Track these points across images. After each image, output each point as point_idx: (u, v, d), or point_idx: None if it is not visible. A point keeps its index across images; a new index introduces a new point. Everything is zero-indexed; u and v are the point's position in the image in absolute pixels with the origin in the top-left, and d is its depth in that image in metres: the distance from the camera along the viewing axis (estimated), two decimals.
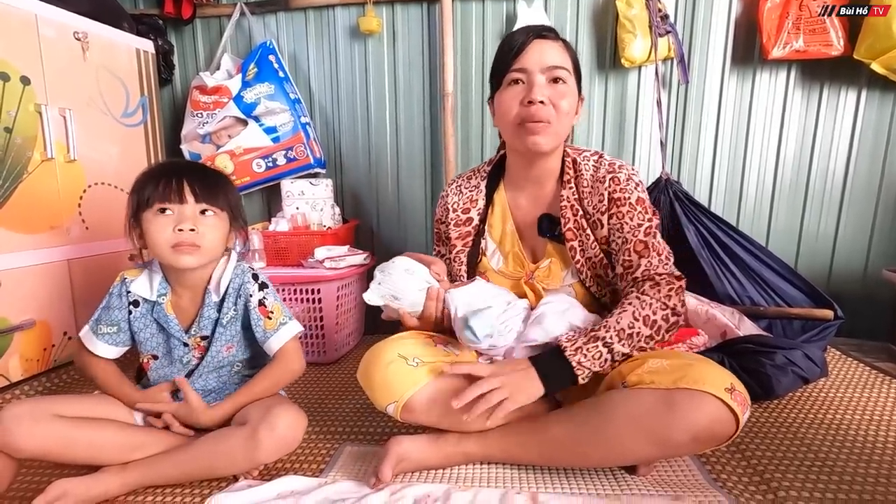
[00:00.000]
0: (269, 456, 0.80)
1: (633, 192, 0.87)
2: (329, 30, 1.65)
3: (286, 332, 0.92)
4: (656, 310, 0.80)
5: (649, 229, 0.86)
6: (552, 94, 0.84)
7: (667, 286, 0.82)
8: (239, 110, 1.55)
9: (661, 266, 0.84)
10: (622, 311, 0.80)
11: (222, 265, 0.93)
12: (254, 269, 0.95)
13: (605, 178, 0.88)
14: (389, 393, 0.81)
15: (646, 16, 1.43)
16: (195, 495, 0.80)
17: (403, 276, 0.90)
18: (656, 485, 0.79)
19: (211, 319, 0.91)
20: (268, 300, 0.92)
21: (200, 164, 0.93)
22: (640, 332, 0.79)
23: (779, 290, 1.32)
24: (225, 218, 0.89)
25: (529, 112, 0.84)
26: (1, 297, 1.14)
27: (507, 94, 0.87)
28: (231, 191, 0.92)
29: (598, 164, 0.91)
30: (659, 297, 0.81)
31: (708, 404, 0.67)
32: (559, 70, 0.85)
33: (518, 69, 0.85)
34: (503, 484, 0.80)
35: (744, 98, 1.53)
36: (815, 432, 0.95)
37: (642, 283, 0.83)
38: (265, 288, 0.93)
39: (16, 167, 1.17)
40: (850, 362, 1.29)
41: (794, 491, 0.77)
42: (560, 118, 0.86)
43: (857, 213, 1.54)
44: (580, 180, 0.91)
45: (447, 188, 1.04)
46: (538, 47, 0.85)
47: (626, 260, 0.86)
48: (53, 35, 1.27)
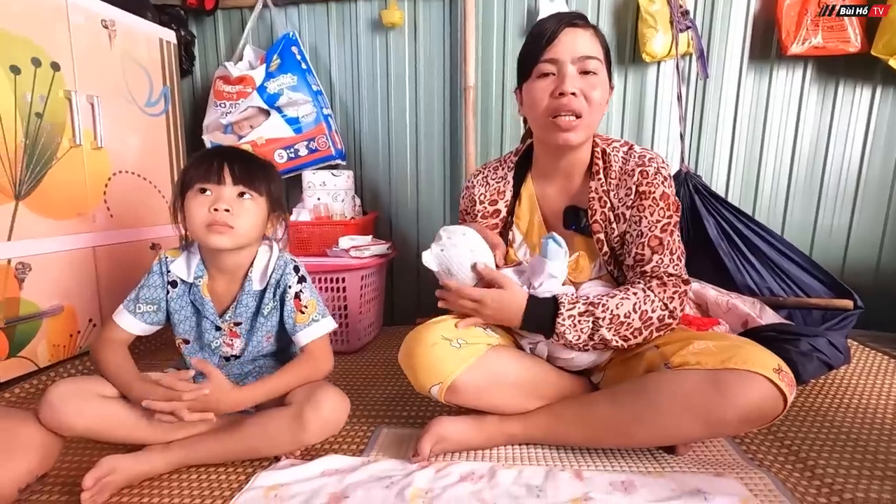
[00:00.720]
0: (314, 437, 0.81)
1: (660, 186, 0.85)
2: (351, 22, 1.66)
3: (317, 329, 0.92)
4: (656, 308, 0.82)
5: (667, 226, 0.85)
6: (584, 85, 0.83)
7: (672, 288, 0.83)
8: (262, 101, 1.55)
9: (672, 266, 0.84)
10: (625, 299, 0.82)
11: (265, 254, 0.93)
12: (296, 260, 0.95)
13: (634, 170, 0.86)
14: (434, 374, 0.81)
15: (667, 11, 1.45)
16: (238, 474, 0.81)
17: (466, 254, 0.87)
18: (697, 463, 0.81)
19: (247, 307, 0.91)
20: (304, 294, 0.92)
21: (246, 151, 0.92)
22: (632, 324, 0.81)
23: (798, 280, 1.34)
24: (263, 204, 0.89)
25: (560, 104, 0.83)
26: (31, 282, 1.14)
27: (536, 84, 0.85)
28: (273, 178, 0.92)
29: (627, 156, 0.89)
30: (662, 298, 0.83)
31: (757, 384, 0.69)
32: (591, 60, 0.83)
33: (549, 59, 0.83)
34: (546, 463, 0.82)
35: (761, 93, 1.56)
36: (843, 415, 0.97)
37: (650, 280, 0.84)
38: (304, 281, 0.93)
39: (45, 153, 1.18)
40: (869, 352, 1.31)
41: (830, 469, 0.79)
42: (592, 110, 0.84)
43: (871, 207, 1.56)
44: (609, 172, 0.89)
45: (472, 179, 1.03)
46: (570, 36, 0.83)
47: (638, 253, 0.86)
48: (82, 22, 1.27)
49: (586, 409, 0.82)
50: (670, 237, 0.85)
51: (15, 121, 1.10)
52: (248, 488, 0.76)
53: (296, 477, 0.79)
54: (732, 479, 0.74)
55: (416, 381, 0.84)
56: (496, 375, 0.83)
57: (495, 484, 0.75)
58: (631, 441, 0.80)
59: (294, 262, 0.94)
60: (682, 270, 0.86)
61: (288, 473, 0.79)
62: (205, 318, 0.91)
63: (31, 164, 1.14)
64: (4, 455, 0.71)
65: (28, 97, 1.13)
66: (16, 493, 0.72)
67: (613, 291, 0.84)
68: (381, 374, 1.27)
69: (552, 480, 0.75)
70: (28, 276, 1.14)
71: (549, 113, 0.85)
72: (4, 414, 0.77)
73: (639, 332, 0.82)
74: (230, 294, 0.92)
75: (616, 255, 0.91)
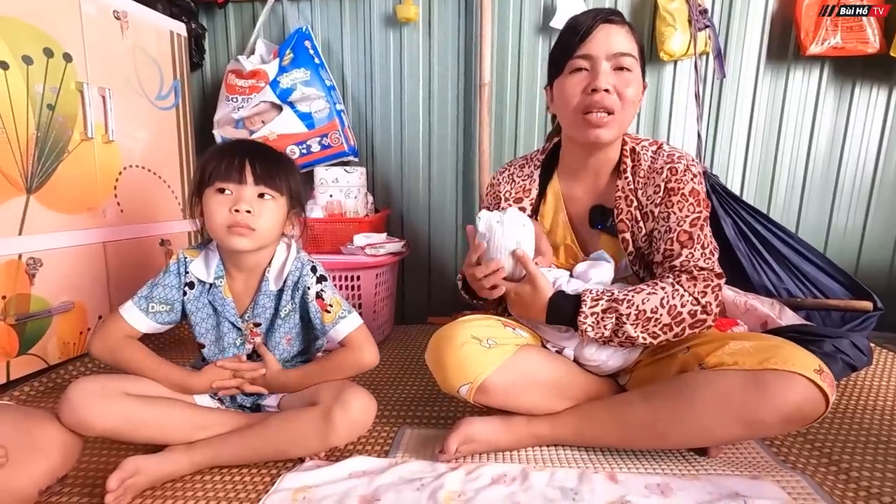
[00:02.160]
0: (341, 438, 0.79)
1: (689, 182, 0.84)
2: (365, 17, 1.64)
3: (346, 325, 0.89)
4: (686, 303, 0.79)
5: (696, 220, 0.83)
6: (617, 82, 0.82)
7: (703, 282, 0.80)
8: (275, 95, 1.53)
9: (703, 260, 0.82)
10: (652, 293, 0.79)
11: (282, 253, 0.90)
12: (313, 260, 0.92)
13: (663, 168, 0.85)
14: (463, 374, 0.79)
15: (685, 10, 1.44)
16: (263, 476, 0.79)
17: (513, 237, 0.83)
18: (730, 465, 0.79)
19: (266, 308, 0.89)
20: (325, 293, 0.89)
21: (265, 146, 0.90)
22: (661, 319, 0.78)
23: (817, 281, 1.33)
24: (283, 203, 0.87)
25: (593, 100, 0.81)
26: (41, 278, 1.12)
27: (569, 80, 0.84)
28: (293, 175, 0.90)
29: (656, 155, 0.88)
30: (692, 292, 0.79)
31: (799, 385, 0.68)
32: (625, 57, 0.82)
33: (582, 55, 0.82)
34: (577, 465, 0.80)
35: (777, 93, 1.55)
36: (870, 417, 0.96)
37: (680, 274, 0.82)
38: (323, 281, 0.90)
39: (57, 145, 1.15)
40: (887, 353, 1.31)
41: (865, 472, 0.78)
42: (625, 108, 0.83)
43: (886, 209, 1.56)
44: (637, 170, 0.88)
45: (498, 176, 1.02)
46: (604, 32, 0.82)
47: (667, 248, 0.84)
48: (95, 13, 1.24)
49: (618, 409, 0.81)
50: (700, 231, 0.83)
51: (27, 112, 1.07)
52: (274, 490, 0.74)
53: (323, 479, 0.77)
54: (769, 482, 0.73)
55: (444, 380, 0.82)
56: (526, 375, 0.82)
57: (528, 486, 0.74)
58: (665, 442, 0.79)
59: (312, 263, 0.91)
60: (714, 265, 0.83)
61: (314, 475, 0.78)
62: (224, 318, 0.89)
63: (42, 156, 1.11)
64: (25, 456, 0.69)
65: (40, 88, 1.10)
66: (36, 494, 0.70)
67: (641, 286, 0.82)
68: (397, 373, 1.25)
69: (587, 483, 0.74)
70: (39, 271, 1.11)
71: (580, 109, 0.84)
72: (24, 414, 0.74)
73: (668, 329, 0.79)
74: (249, 293, 0.90)
75: (643, 255, 0.89)
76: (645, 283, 0.83)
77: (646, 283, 0.83)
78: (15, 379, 1.08)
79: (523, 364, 0.82)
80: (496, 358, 0.80)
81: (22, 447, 0.69)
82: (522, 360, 0.82)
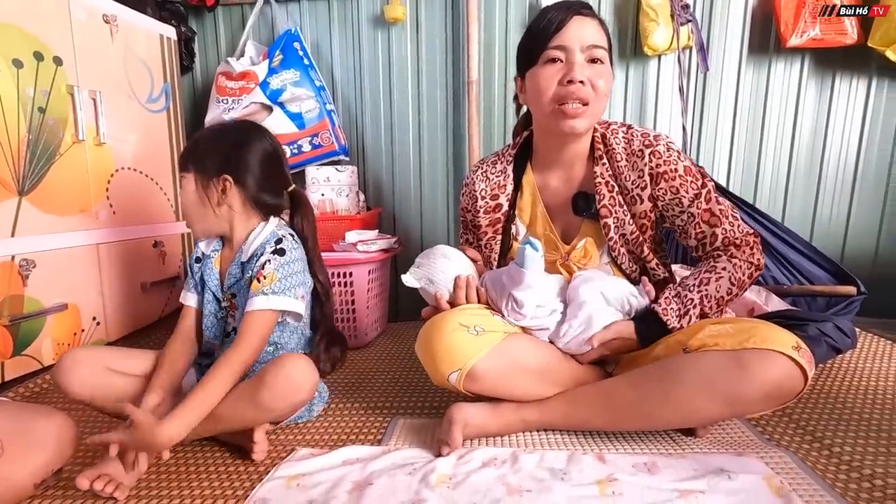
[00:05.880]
0: (273, 400, 0.77)
1: (678, 161, 0.86)
2: (353, 18, 1.66)
3: (262, 302, 0.83)
4: (745, 270, 0.85)
5: (709, 195, 0.87)
6: (591, 73, 0.83)
7: (748, 247, 0.86)
8: (265, 96, 1.54)
9: (736, 228, 0.87)
10: (720, 278, 0.84)
11: (265, 228, 0.92)
12: (287, 236, 0.90)
13: (644, 152, 0.87)
14: (452, 361, 0.81)
15: (668, 4, 1.47)
16: (258, 465, 0.80)
17: (440, 260, 0.92)
18: (717, 444, 0.81)
19: (235, 277, 0.92)
20: (270, 265, 0.86)
21: (207, 130, 0.96)
22: (731, 292, 0.85)
23: (802, 268, 1.36)
24: (192, 180, 0.89)
25: (569, 91, 0.82)
26: (35, 279, 1.12)
27: (543, 71, 0.85)
28: (208, 146, 0.90)
29: (629, 137, 0.89)
30: (746, 258, 0.86)
31: (778, 362, 0.70)
32: (598, 49, 0.83)
33: (557, 46, 0.83)
34: (566, 447, 0.82)
35: (760, 86, 1.58)
36: (854, 396, 0.98)
37: (726, 249, 0.87)
38: (280, 255, 0.87)
39: (48, 148, 1.16)
40: (871, 337, 1.33)
41: (847, 447, 0.79)
42: (598, 99, 0.85)
43: (869, 197, 1.59)
44: (612, 155, 0.90)
45: (471, 175, 1.02)
46: (578, 24, 0.83)
47: (698, 233, 0.88)
48: (84, 17, 1.25)
49: (606, 393, 0.82)
50: (717, 204, 0.87)
51: (18, 115, 1.08)
52: (268, 478, 0.75)
53: (317, 466, 0.78)
54: (754, 458, 0.75)
55: (434, 368, 0.83)
56: (514, 361, 0.83)
57: (519, 468, 0.75)
58: (652, 423, 0.80)
59: (280, 236, 0.89)
60: (744, 226, 0.88)
61: (309, 464, 0.79)
62: (209, 289, 0.93)
63: (34, 159, 1.12)
64: (20, 450, 0.70)
65: (31, 91, 1.11)
66: (32, 487, 0.71)
67: (705, 274, 0.85)
68: (391, 367, 1.27)
69: (575, 464, 0.75)
70: (32, 272, 1.12)
71: (555, 100, 0.85)
72: (20, 408, 0.75)
73: (736, 295, 0.86)
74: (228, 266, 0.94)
75: (628, 241, 0.91)
76: (704, 269, 0.86)
77: (703, 267, 0.87)
78: (10, 380, 1.08)
79: (512, 350, 0.83)
80: (485, 344, 0.81)
81: (17, 440, 0.70)
82: (511, 346, 0.83)
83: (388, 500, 0.68)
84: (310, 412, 0.96)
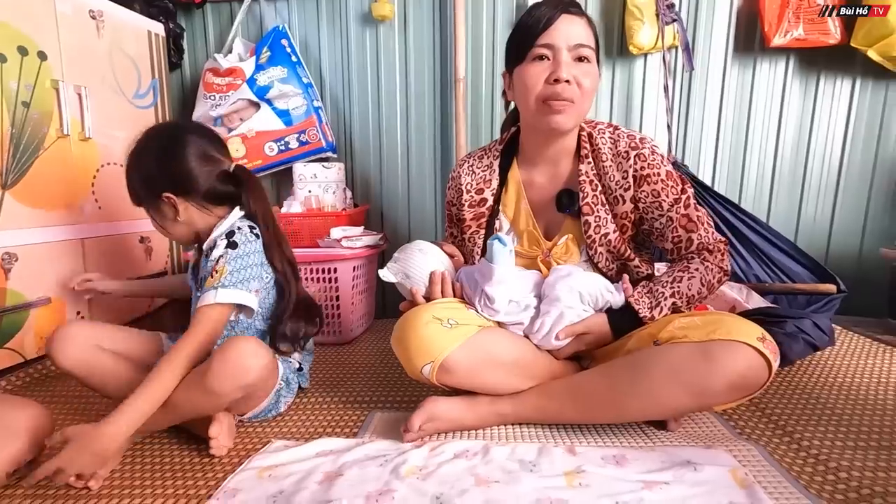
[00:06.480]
0: (221, 383, 0.75)
1: (661, 166, 0.88)
2: (341, 15, 1.66)
3: (210, 296, 0.82)
4: (715, 274, 0.90)
5: (688, 201, 0.89)
6: (578, 72, 0.84)
7: (720, 253, 0.90)
8: (252, 93, 1.55)
9: (710, 235, 0.90)
10: (692, 278, 0.87)
11: (222, 221, 0.94)
12: (243, 227, 0.91)
13: (630, 154, 0.88)
14: (426, 354, 0.82)
15: (653, 3, 1.48)
16: (231, 456, 0.81)
17: (416, 255, 0.94)
18: (687, 438, 0.82)
19: (202, 268, 0.93)
20: (223, 259, 0.85)
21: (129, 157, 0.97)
22: (701, 293, 0.88)
23: (784, 267, 1.37)
24: (146, 209, 0.96)
25: (555, 90, 0.83)
26: (17, 273, 1.13)
27: (530, 69, 0.86)
28: (132, 176, 0.95)
29: (616, 138, 0.90)
30: (717, 263, 0.90)
31: (743, 352, 0.70)
32: (585, 48, 0.84)
33: (545, 44, 0.84)
34: (538, 440, 0.82)
35: (745, 85, 1.59)
36: (828, 392, 0.99)
37: (699, 252, 0.90)
38: (232, 248, 0.87)
39: (32, 142, 1.16)
40: (853, 335, 1.34)
41: (816, 441, 0.80)
42: (584, 97, 0.85)
43: (853, 196, 1.60)
44: (598, 154, 0.91)
45: (458, 169, 1.03)
46: (566, 23, 0.84)
47: (675, 237, 0.90)
48: (69, 12, 1.26)
49: (578, 385, 0.83)
50: (696, 211, 0.90)
51: (1, 108, 1.09)
52: (241, 469, 0.76)
53: (290, 458, 0.79)
54: (721, 450, 0.76)
55: (408, 361, 0.84)
56: (488, 354, 0.84)
57: (489, 460, 0.76)
58: (623, 415, 0.81)
59: (233, 229, 0.90)
60: (717, 235, 0.92)
61: (282, 455, 0.79)
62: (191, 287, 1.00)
63: (17, 153, 1.13)
64: None
65: (14, 86, 1.12)
66: (4, 477, 0.71)
67: (678, 273, 0.88)
68: (373, 363, 1.27)
69: (546, 456, 0.76)
70: (14, 266, 1.12)
71: (542, 98, 0.86)
72: None
73: (704, 297, 0.89)
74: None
75: (608, 238, 0.92)
76: (678, 268, 0.89)
77: (677, 266, 0.90)
78: None
79: (485, 343, 0.84)
80: (458, 337, 0.82)
81: None
82: (484, 339, 0.84)
83: (357, 489, 0.69)
84: (276, 407, 0.93)
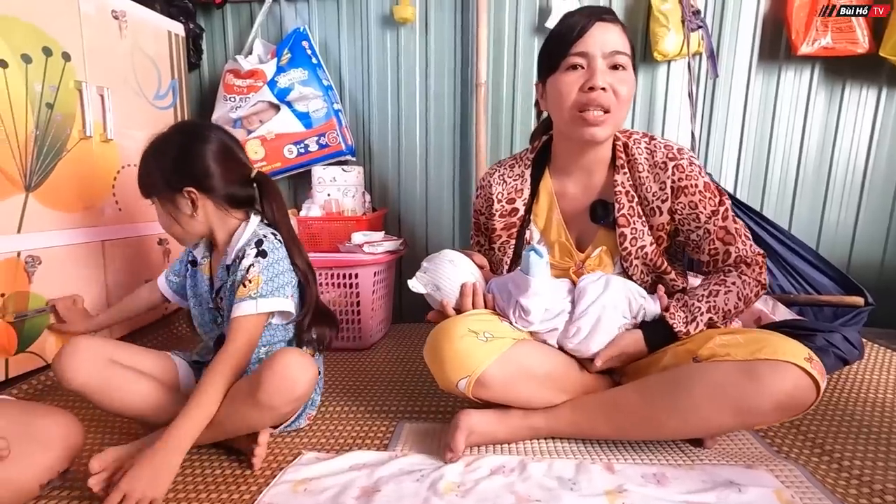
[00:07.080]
0: (272, 397, 0.75)
1: (699, 177, 0.87)
2: (362, 17, 1.65)
3: (249, 306, 0.82)
4: (753, 288, 0.88)
5: (725, 213, 0.88)
6: (613, 80, 0.82)
7: (758, 266, 0.88)
8: (272, 95, 1.54)
9: (748, 248, 0.88)
10: (728, 292, 0.86)
11: (246, 228, 0.91)
12: (269, 235, 0.89)
13: (668, 165, 0.86)
14: (462, 367, 0.80)
15: (678, 10, 1.46)
16: (263, 469, 0.80)
17: (446, 266, 0.92)
18: (725, 456, 0.81)
19: (222, 281, 0.90)
20: (254, 268, 0.84)
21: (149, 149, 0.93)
22: (738, 307, 0.86)
23: (809, 278, 1.35)
24: (159, 203, 0.92)
25: (590, 98, 0.82)
26: (40, 276, 1.12)
27: (564, 78, 0.84)
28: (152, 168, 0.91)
29: (652, 148, 0.89)
30: (755, 277, 0.88)
31: (791, 373, 0.69)
32: (620, 56, 0.83)
33: (579, 53, 0.82)
34: (574, 456, 0.81)
35: (769, 93, 1.58)
36: (862, 408, 0.98)
37: (737, 266, 0.88)
38: (263, 256, 0.85)
39: (56, 144, 1.15)
40: (879, 348, 1.33)
41: (857, 461, 0.79)
42: (620, 106, 0.84)
43: (876, 206, 1.59)
44: (634, 165, 0.89)
45: (488, 178, 1.01)
46: (600, 30, 0.82)
47: (712, 249, 0.89)
48: (93, 12, 1.25)
49: (613, 401, 0.82)
50: (734, 223, 0.89)
51: (26, 110, 1.08)
52: (274, 483, 0.75)
53: (323, 471, 0.78)
54: (763, 470, 0.75)
55: (442, 375, 0.83)
56: (523, 368, 0.83)
57: (527, 476, 0.75)
58: (660, 433, 0.80)
59: (261, 237, 0.88)
60: (755, 246, 0.90)
61: (315, 468, 0.78)
62: (202, 298, 0.94)
63: (41, 155, 1.11)
64: (25, 449, 0.69)
65: (38, 87, 1.10)
66: (37, 488, 0.70)
67: (714, 286, 0.86)
68: (395, 370, 1.26)
69: (584, 473, 0.75)
70: (37, 269, 1.11)
71: (576, 107, 0.84)
72: (24, 408, 0.75)
73: (741, 311, 0.88)
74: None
75: (645, 250, 0.90)
76: (714, 281, 0.87)
77: (713, 279, 0.88)
78: (14, 377, 1.07)
79: (520, 357, 0.83)
80: (494, 350, 0.81)
81: (22, 441, 0.69)
82: (519, 352, 0.83)
83: None
84: (297, 420, 0.92)
